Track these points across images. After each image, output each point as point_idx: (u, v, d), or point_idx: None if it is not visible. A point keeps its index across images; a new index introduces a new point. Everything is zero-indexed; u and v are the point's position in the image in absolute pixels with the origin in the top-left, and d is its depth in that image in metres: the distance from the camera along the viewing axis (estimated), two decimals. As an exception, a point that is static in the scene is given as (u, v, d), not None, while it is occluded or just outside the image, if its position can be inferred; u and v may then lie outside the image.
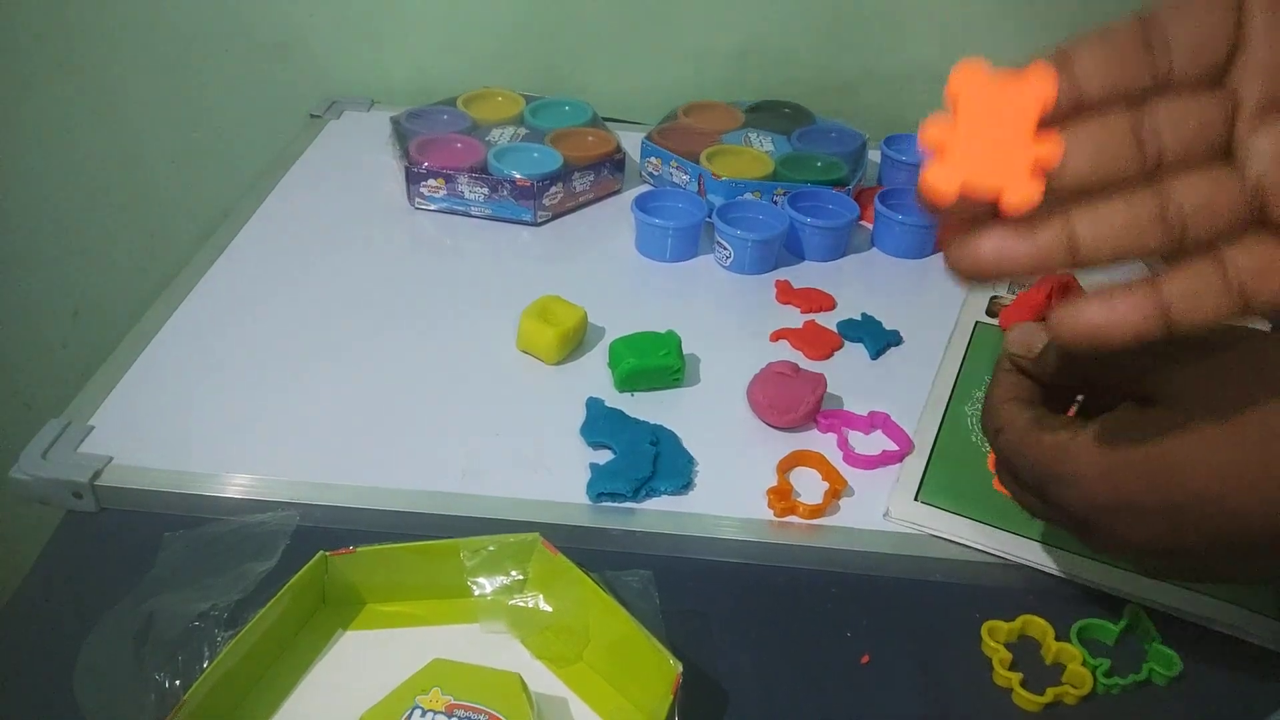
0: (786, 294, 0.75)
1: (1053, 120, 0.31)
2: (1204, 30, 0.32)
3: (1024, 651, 0.51)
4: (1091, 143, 0.32)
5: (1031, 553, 0.54)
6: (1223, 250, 0.33)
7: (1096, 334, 0.34)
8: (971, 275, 0.33)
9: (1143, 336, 0.34)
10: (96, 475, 0.55)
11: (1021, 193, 0.31)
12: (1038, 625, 0.51)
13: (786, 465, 0.59)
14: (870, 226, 0.83)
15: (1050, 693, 0.48)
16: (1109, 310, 0.34)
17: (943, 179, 0.31)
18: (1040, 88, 0.31)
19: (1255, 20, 0.32)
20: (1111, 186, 0.32)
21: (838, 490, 0.57)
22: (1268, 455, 0.37)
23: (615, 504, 0.56)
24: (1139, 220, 0.32)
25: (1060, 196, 0.32)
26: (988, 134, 0.31)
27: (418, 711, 0.42)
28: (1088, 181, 0.32)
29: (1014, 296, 0.74)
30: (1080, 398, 0.48)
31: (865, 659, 0.50)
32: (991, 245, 0.32)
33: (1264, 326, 0.42)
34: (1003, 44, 0.98)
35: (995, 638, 0.50)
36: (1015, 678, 0.48)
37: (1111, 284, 0.34)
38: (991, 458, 0.60)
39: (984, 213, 0.32)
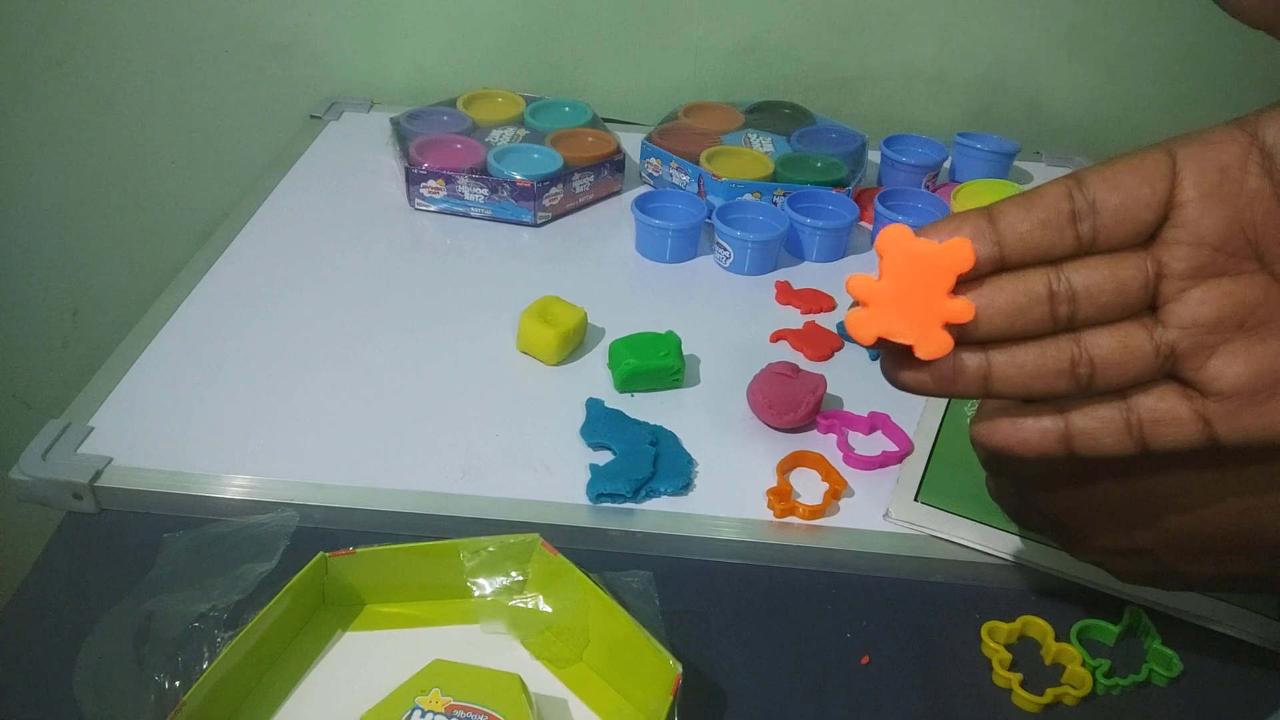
0: (786, 295, 0.75)
1: (972, 276, 0.34)
2: (1132, 202, 0.33)
3: (1024, 652, 0.51)
4: (1006, 303, 0.34)
5: (1031, 553, 0.54)
6: (1130, 393, 0.35)
7: (1007, 448, 0.37)
8: (898, 386, 0.36)
9: (1046, 457, 0.37)
10: (96, 476, 0.55)
11: (931, 346, 0.34)
12: (1038, 626, 0.51)
13: (786, 466, 0.59)
14: (870, 227, 0.83)
15: (1050, 693, 0.48)
16: (1016, 430, 0.37)
17: (862, 327, 0.34)
18: (958, 256, 0.34)
19: (1185, 189, 0.33)
20: (1026, 337, 0.35)
21: (838, 491, 0.57)
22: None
23: (615, 504, 0.56)
24: (1049, 367, 0.35)
25: (976, 341, 0.35)
26: (906, 292, 0.34)
27: (417, 712, 0.42)
28: (1001, 336, 0.35)
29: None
30: None
31: (865, 660, 0.50)
32: (910, 375, 0.35)
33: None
34: (1002, 43, 0.98)
35: (995, 638, 0.50)
36: (1015, 678, 0.48)
37: (1022, 406, 0.37)
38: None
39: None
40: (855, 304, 0.35)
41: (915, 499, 0.57)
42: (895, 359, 0.36)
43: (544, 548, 0.49)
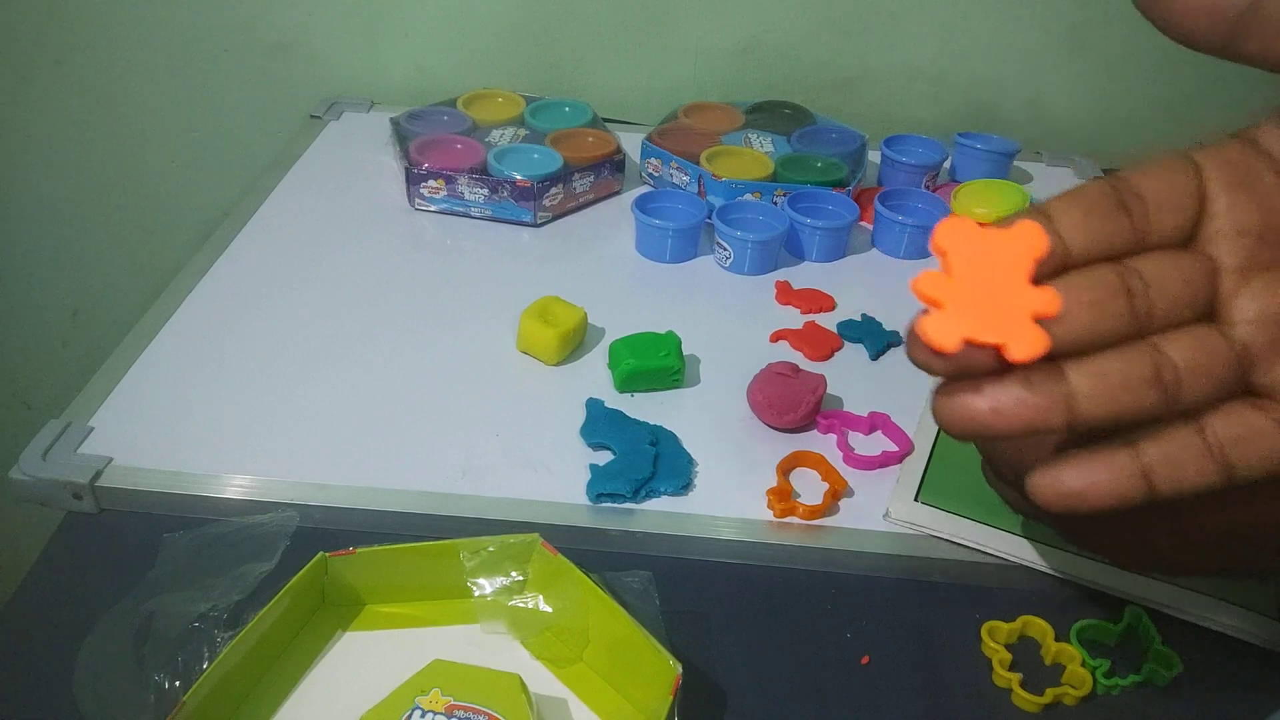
0: (786, 295, 0.75)
1: (1039, 278, 0.31)
2: (1173, 189, 0.32)
3: (1024, 652, 0.51)
4: (1086, 296, 0.31)
5: (1031, 553, 0.54)
6: (1202, 417, 0.32)
7: (1078, 501, 0.32)
8: (964, 433, 0.31)
9: (1124, 502, 0.32)
10: (96, 476, 0.55)
11: (1026, 344, 0.30)
12: (1038, 626, 0.51)
13: (786, 466, 0.59)
14: (870, 227, 0.83)
15: (1050, 693, 0.48)
16: (1088, 475, 0.32)
17: (942, 333, 0.29)
18: (1032, 239, 0.30)
19: (1212, 184, 0.32)
20: (1106, 343, 0.31)
21: (838, 491, 0.57)
22: None
23: (615, 504, 0.56)
24: (1135, 378, 0.31)
25: (1055, 353, 0.31)
26: (984, 287, 0.30)
27: (417, 712, 0.42)
28: (1084, 336, 0.31)
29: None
30: None
31: (865, 659, 0.50)
32: (986, 404, 0.31)
33: None
34: (1002, 43, 0.98)
35: (995, 638, 0.50)
36: (1015, 678, 0.48)
37: (1084, 449, 0.33)
38: (991, 458, 0.60)
39: (980, 369, 0.31)
40: (923, 309, 0.30)
41: (915, 499, 0.57)
42: (958, 387, 0.31)
43: (544, 548, 0.49)
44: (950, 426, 0.31)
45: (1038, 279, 0.30)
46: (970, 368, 0.30)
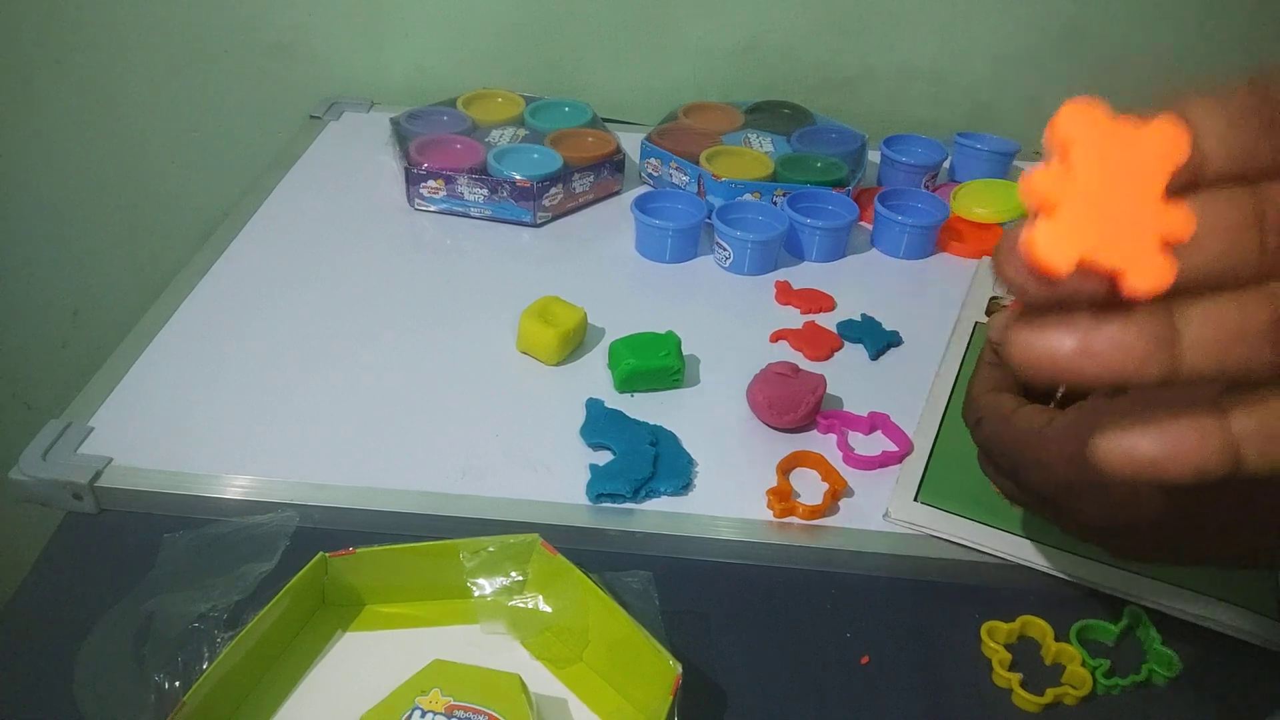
0: (786, 295, 0.75)
1: (1170, 192, 0.25)
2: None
3: (1024, 652, 0.51)
4: (1221, 222, 0.25)
5: (1031, 553, 0.54)
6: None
7: (1151, 471, 0.27)
8: (1038, 374, 0.26)
9: (1202, 477, 0.27)
10: (96, 476, 0.55)
11: (1151, 274, 0.24)
12: (1037, 626, 0.51)
13: (786, 466, 0.59)
14: (870, 227, 0.83)
15: (1050, 693, 0.48)
16: (1169, 444, 0.27)
17: (1057, 247, 0.23)
18: (1172, 142, 0.24)
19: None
20: (1228, 283, 0.26)
21: (837, 491, 0.57)
22: None
23: (615, 504, 0.56)
24: (1252, 331, 0.26)
25: (1173, 288, 0.25)
26: (1109, 194, 0.24)
27: (417, 712, 0.42)
28: (1210, 271, 0.25)
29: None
30: (1061, 390, 0.48)
31: (865, 659, 0.50)
32: (1073, 343, 0.25)
33: None
34: (1002, 43, 0.98)
35: (995, 638, 0.50)
36: (1015, 678, 0.48)
37: (1159, 412, 0.27)
38: (990, 458, 0.60)
39: (1082, 299, 0.25)
40: (1032, 216, 0.24)
41: (915, 499, 0.57)
42: (1043, 320, 0.25)
43: (544, 548, 0.49)
44: (1024, 365, 0.26)
45: (1169, 194, 0.24)
46: (1072, 297, 0.25)
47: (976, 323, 0.73)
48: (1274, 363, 0.26)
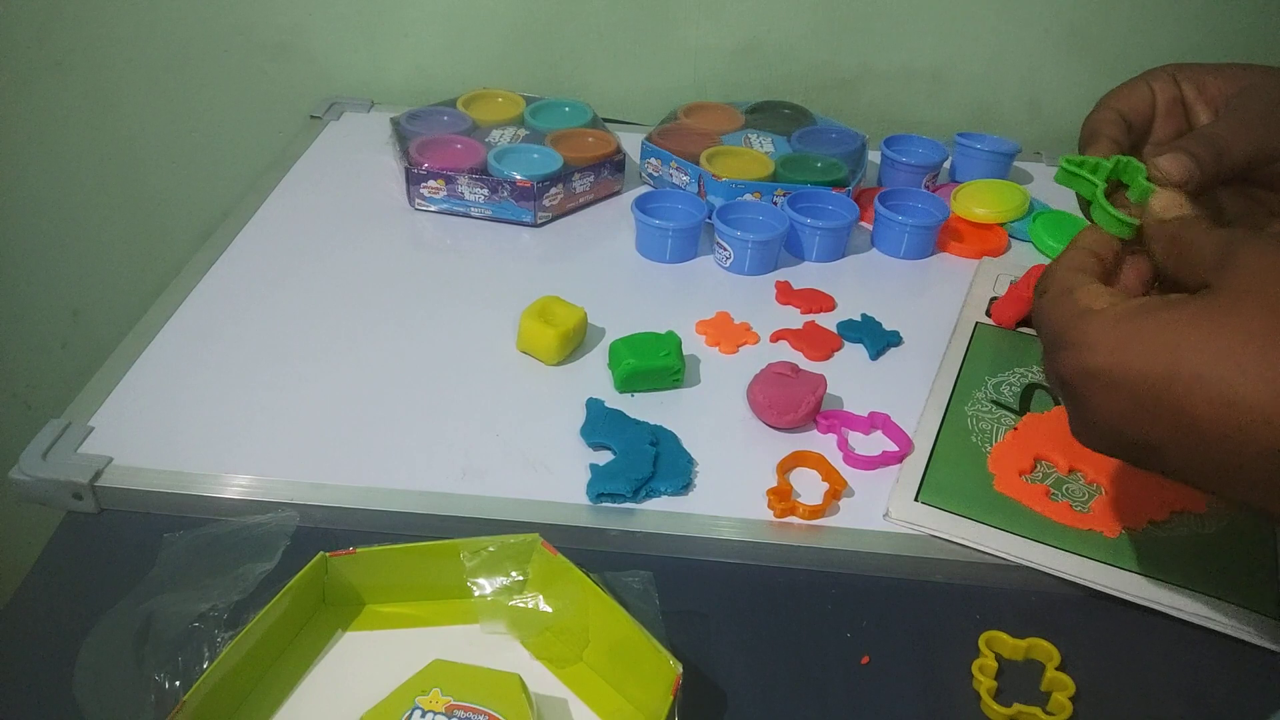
0: (786, 295, 0.75)
1: None
2: None
3: (1026, 673, 0.50)
4: None
5: (1032, 554, 0.54)
6: None
7: None
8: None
9: None
10: (96, 476, 0.55)
11: None
12: (1043, 649, 0.50)
13: (786, 466, 0.59)
14: (870, 227, 0.83)
15: (1016, 707, 0.47)
16: None
17: None
18: None
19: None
20: None
21: (838, 491, 0.57)
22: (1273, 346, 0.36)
23: (615, 504, 0.56)
24: None
25: None
26: None
27: (418, 712, 0.42)
28: None
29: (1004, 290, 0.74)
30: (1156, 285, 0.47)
31: (865, 660, 0.50)
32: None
33: None
34: (1002, 43, 0.98)
35: (986, 673, 0.48)
36: (1003, 711, 0.47)
37: None
38: (991, 458, 0.60)
39: None
40: None
41: (915, 499, 0.57)
42: None
43: (544, 548, 0.49)
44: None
45: None
46: None
47: (977, 323, 0.73)
48: None
